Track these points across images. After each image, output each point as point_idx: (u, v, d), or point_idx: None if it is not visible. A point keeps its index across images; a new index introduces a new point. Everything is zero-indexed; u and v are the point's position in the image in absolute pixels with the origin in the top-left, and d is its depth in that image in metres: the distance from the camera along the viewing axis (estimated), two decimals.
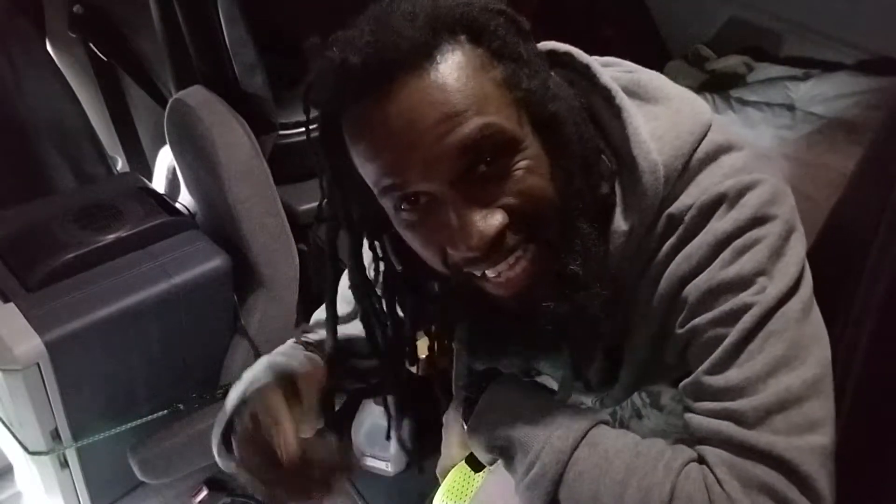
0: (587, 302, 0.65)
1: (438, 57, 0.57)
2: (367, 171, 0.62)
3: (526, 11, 0.65)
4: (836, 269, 0.71)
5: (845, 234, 0.72)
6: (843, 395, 0.67)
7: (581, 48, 0.71)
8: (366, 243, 0.74)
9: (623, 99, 0.67)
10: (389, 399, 0.85)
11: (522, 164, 0.60)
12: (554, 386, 0.81)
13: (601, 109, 0.68)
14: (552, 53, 0.71)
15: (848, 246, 0.70)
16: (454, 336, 0.80)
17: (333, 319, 0.79)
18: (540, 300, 0.65)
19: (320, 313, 0.90)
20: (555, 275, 0.64)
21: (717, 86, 1.70)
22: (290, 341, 0.87)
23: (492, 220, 0.59)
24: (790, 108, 1.55)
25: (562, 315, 0.65)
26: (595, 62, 0.70)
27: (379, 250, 0.74)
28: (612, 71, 0.71)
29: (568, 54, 0.71)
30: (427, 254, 0.65)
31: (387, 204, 0.64)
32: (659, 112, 0.67)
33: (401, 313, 0.79)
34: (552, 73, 0.66)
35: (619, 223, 0.66)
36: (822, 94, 1.53)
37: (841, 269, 0.70)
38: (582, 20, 1.81)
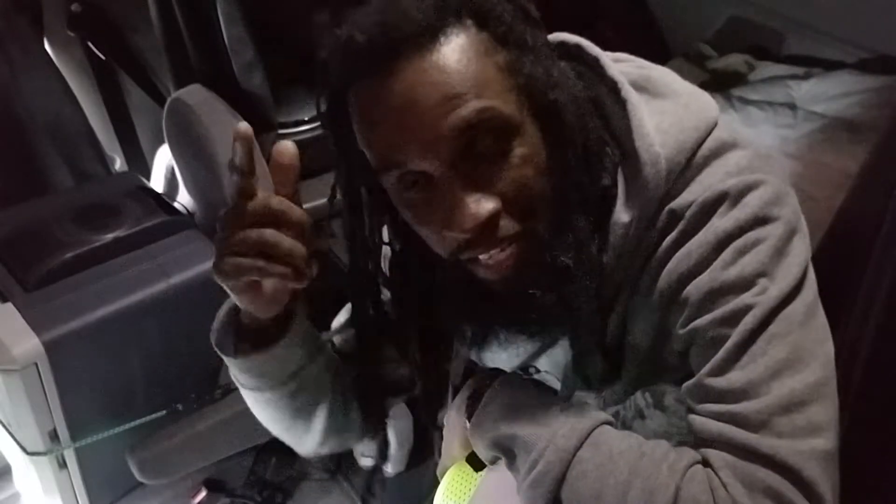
0: (575, 295, 0.66)
1: (442, 39, 0.58)
2: (368, 147, 0.63)
3: None
4: (841, 269, 0.71)
5: (850, 233, 0.72)
6: (846, 393, 0.66)
7: None
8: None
9: (629, 91, 0.67)
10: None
11: (519, 151, 0.60)
12: (555, 384, 0.81)
13: (607, 101, 0.68)
14: (562, 45, 0.71)
15: (853, 245, 0.70)
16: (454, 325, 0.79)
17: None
18: (527, 287, 0.65)
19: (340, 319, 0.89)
20: (545, 265, 0.64)
21: (718, 85, 1.69)
22: None
23: (485, 204, 0.60)
24: (791, 107, 1.55)
25: (548, 305, 0.66)
26: (605, 56, 0.70)
27: (384, 230, 0.74)
28: (622, 66, 0.71)
29: (578, 46, 0.71)
30: (424, 233, 0.66)
31: (386, 181, 0.64)
32: (666, 107, 0.67)
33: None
34: (560, 63, 0.66)
35: (620, 215, 0.66)
36: (824, 93, 1.52)
37: (845, 269, 0.70)
38: (583, 18, 1.81)
